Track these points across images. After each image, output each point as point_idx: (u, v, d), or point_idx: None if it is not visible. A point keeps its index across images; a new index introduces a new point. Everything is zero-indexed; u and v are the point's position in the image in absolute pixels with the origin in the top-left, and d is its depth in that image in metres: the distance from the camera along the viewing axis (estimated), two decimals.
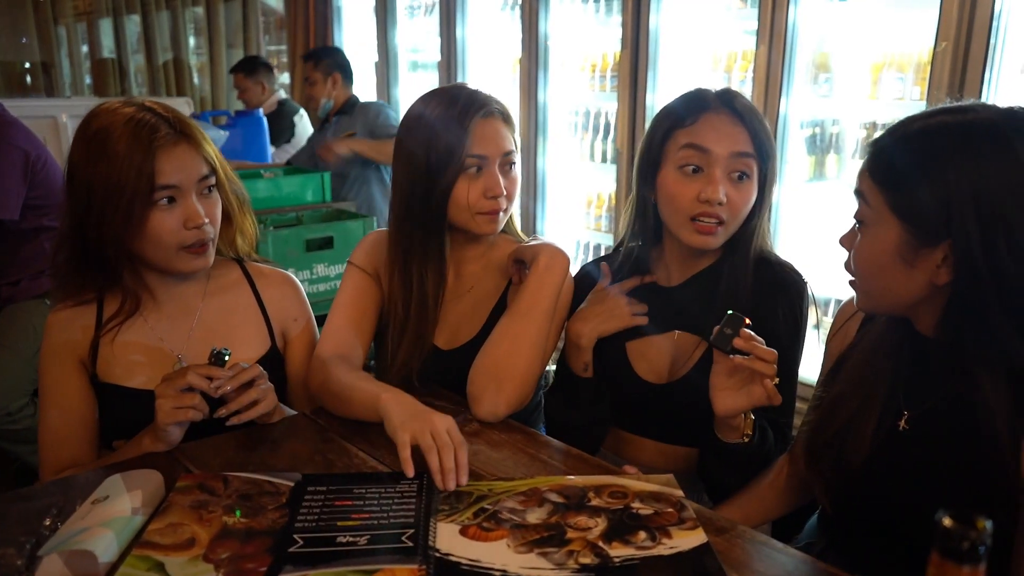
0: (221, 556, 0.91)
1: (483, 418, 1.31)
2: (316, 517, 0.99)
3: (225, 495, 1.04)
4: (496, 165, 1.37)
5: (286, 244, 2.80)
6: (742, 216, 1.29)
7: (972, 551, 0.54)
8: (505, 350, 1.33)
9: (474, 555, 0.92)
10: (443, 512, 1.01)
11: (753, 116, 1.28)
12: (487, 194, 1.36)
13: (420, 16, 4.38)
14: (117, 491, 1.00)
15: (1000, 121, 0.93)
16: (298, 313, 1.47)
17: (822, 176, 2.78)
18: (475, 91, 1.40)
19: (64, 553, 0.87)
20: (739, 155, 1.26)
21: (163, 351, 1.33)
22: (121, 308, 1.32)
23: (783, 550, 0.97)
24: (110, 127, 1.21)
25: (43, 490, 1.10)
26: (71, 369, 1.30)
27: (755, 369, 1.12)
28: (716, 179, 1.25)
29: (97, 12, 5.19)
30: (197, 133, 1.27)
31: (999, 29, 2.10)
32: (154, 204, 1.22)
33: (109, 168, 1.20)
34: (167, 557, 0.91)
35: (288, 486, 1.07)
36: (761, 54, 2.63)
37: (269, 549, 0.93)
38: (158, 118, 1.24)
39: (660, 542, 0.94)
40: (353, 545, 0.93)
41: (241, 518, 0.99)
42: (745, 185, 1.27)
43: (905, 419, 1.05)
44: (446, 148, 1.34)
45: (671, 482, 1.09)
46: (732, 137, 1.26)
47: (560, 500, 1.04)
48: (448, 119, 1.35)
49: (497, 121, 1.38)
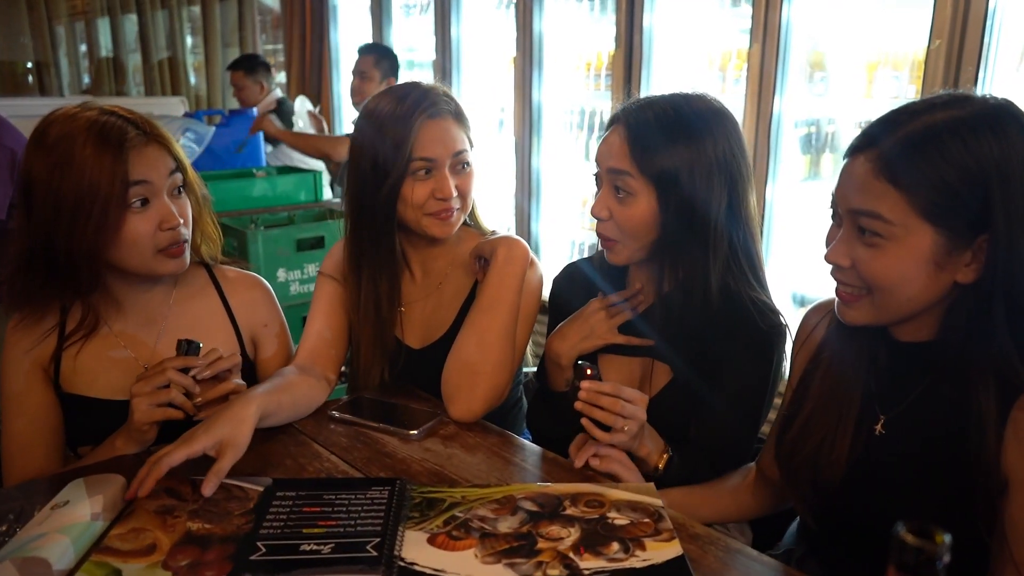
0: (181, 563, 0.89)
1: (459, 418, 1.29)
2: (283, 524, 0.97)
3: (192, 499, 1.02)
4: (446, 166, 1.35)
5: (277, 244, 2.78)
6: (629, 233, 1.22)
7: (928, 566, 0.52)
8: (474, 348, 1.31)
9: (439, 564, 0.89)
10: (413, 520, 0.99)
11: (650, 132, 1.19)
12: (435, 195, 1.34)
13: (415, 15, 4.37)
14: (78, 496, 0.98)
15: (1005, 105, 0.91)
16: (268, 318, 1.43)
17: (817, 175, 2.76)
18: (427, 90, 1.37)
19: (17, 560, 0.85)
20: (615, 171, 1.21)
21: (128, 361, 1.30)
22: (81, 324, 1.28)
23: (757, 558, 0.95)
24: (72, 133, 1.15)
25: (4, 495, 1.08)
26: (33, 378, 1.27)
27: (588, 414, 1.11)
28: (599, 194, 1.24)
29: (93, 11, 5.19)
30: (164, 133, 1.25)
31: (993, 26, 2.08)
32: (128, 207, 1.17)
33: (78, 175, 1.13)
34: (125, 564, 0.89)
35: (257, 491, 1.05)
36: (755, 53, 2.61)
37: (230, 556, 0.90)
38: (124, 121, 1.19)
39: (633, 554, 0.91)
40: (316, 553, 0.91)
41: (204, 524, 0.97)
42: (627, 202, 1.21)
43: (881, 423, 1.03)
44: (392, 149, 1.32)
45: (651, 491, 1.06)
46: (613, 152, 1.21)
47: (534, 508, 1.01)
48: (395, 119, 1.32)
49: (446, 121, 1.35)
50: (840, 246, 0.97)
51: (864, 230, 0.94)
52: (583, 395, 1.11)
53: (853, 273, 0.97)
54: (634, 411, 1.11)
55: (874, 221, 0.92)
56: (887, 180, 0.91)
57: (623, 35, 3.01)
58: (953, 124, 0.89)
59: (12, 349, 1.27)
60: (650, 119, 1.19)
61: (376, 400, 1.37)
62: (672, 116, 1.19)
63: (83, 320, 1.28)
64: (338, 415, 1.31)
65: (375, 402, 1.36)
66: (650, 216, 1.20)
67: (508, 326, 1.33)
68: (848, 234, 0.97)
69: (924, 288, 0.93)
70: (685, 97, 1.23)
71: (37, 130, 1.19)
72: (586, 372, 1.12)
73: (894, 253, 0.92)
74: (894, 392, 1.03)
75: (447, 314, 1.46)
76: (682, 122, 1.19)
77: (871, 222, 0.93)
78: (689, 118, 1.19)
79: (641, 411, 1.13)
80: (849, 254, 0.96)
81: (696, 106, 1.21)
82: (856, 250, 0.96)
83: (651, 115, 1.20)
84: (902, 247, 0.92)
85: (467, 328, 1.33)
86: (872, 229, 0.93)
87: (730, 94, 2.90)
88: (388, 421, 1.28)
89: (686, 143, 1.17)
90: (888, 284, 0.95)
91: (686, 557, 0.91)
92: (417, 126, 1.32)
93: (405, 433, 1.25)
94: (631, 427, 1.11)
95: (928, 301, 0.95)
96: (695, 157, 1.17)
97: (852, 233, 0.96)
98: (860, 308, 0.99)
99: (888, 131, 0.93)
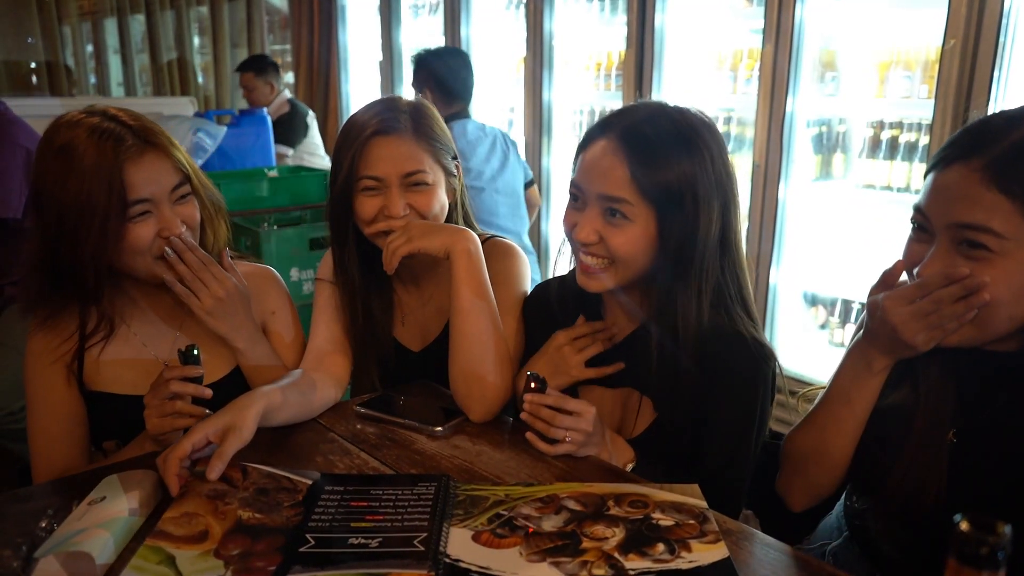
0: (232, 552, 0.90)
1: (479, 420, 1.30)
2: (331, 517, 0.98)
3: (243, 486, 1.03)
4: (395, 185, 1.32)
5: (289, 243, 2.79)
6: (623, 259, 1.15)
7: (991, 557, 0.52)
8: (469, 353, 1.30)
9: (484, 562, 0.90)
10: (458, 517, 0.99)
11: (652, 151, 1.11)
12: (384, 213, 1.33)
13: (424, 15, 4.38)
14: (114, 492, 0.99)
15: None
16: (276, 306, 1.44)
17: (828, 175, 2.76)
18: (390, 105, 1.36)
19: (60, 555, 0.86)
20: (605, 197, 1.13)
21: (149, 358, 1.31)
22: (97, 328, 1.29)
23: (789, 552, 0.96)
24: (74, 140, 1.16)
25: (39, 491, 1.09)
26: (57, 376, 1.27)
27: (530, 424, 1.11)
28: (586, 217, 1.16)
29: (102, 12, 5.19)
30: (164, 140, 1.23)
31: (1008, 26, 2.08)
32: (129, 219, 1.18)
33: (79, 185, 1.14)
34: (179, 550, 0.90)
35: (306, 484, 1.06)
36: (767, 53, 2.62)
37: (280, 548, 0.91)
38: (122, 127, 1.19)
39: (679, 555, 0.91)
40: (364, 547, 0.91)
41: (255, 514, 0.98)
42: (622, 227, 1.13)
43: (952, 432, 0.99)
44: (346, 164, 1.32)
45: (695, 492, 1.05)
46: (602, 175, 1.13)
47: (578, 508, 1.01)
48: (352, 135, 1.33)
49: (399, 140, 1.32)
50: (935, 262, 0.92)
51: (970, 244, 0.89)
52: (526, 406, 1.12)
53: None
54: (575, 422, 1.12)
55: (984, 235, 0.88)
56: (999, 191, 0.86)
57: (634, 35, 3.01)
58: None
59: (36, 348, 1.28)
60: (649, 135, 1.11)
61: (401, 397, 1.37)
62: (672, 131, 1.12)
63: (99, 324, 1.29)
64: (364, 412, 1.32)
65: (400, 399, 1.36)
66: (647, 241, 1.13)
67: (493, 319, 1.31)
68: (945, 248, 0.92)
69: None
70: (677, 110, 1.16)
71: (45, 135, 1.21)
72: (531, 385, 1.13)
73: (1004, 268, 0.88)
74: (968, 404, 0.99)
75: (442, 315, 1.45)
76: (682, 138, 1.11)
77: (980, 236, 0.88)
78: (687, 133, 1.12)
79: (585, 422, 1.12)
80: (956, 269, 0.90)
81: (689, 120, 1.14)
82: (957, 265, 0.91)
83: (649, 131, 1.12)
84: (1013, 261, 0.87)
85: (457, 335, 1.31)
86: (980, 243, 0.88)
87: (742, 94, 2.91)
88: (413, 418, 1.29)
89: (688, 160, 1.10)
90: (996, 301, 0.89)
91: (732, 560, 0.91)
92: (367, 144, 1.31)
93: (431, 430, 1.25)
94: (575, 437, 1.12)
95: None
96: (698, 176, 1.10)
97: (949, 247, 0.91)
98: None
99: (988, 140, 0.89)
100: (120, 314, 1.31)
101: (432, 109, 1.40)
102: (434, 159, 1.36)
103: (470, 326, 1.30)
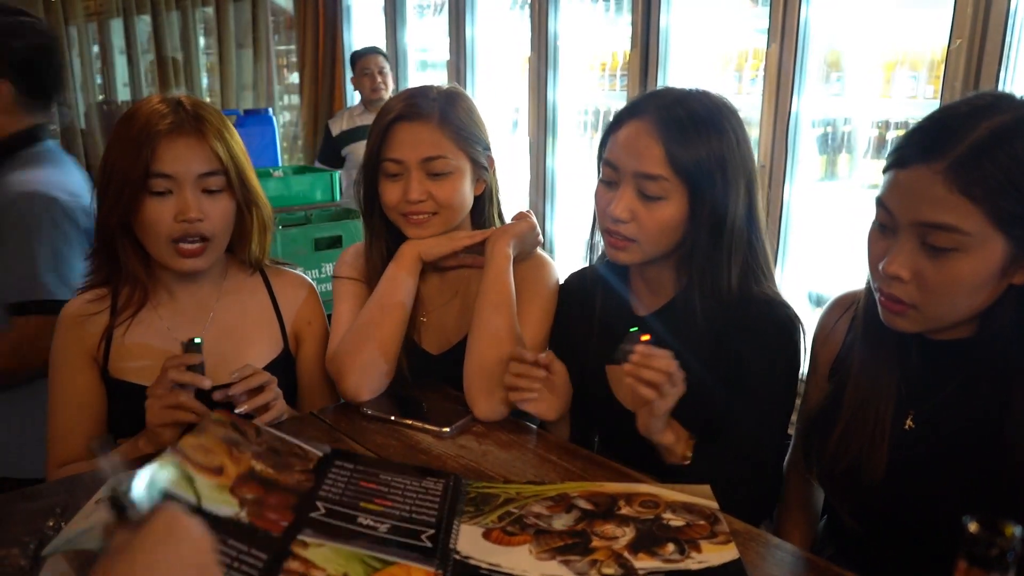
0: (246, 495, 0.90)
1: (485, 418, 1.30)
2: (340, 491, 0.99)
3: (256, 442, 1.03)
4: (414, 169, 1.34)
5: (295, 243, 2.80)
6: (654, 236, 1.19)
7: (1000, 558, 0.52)
8: (487, 349, 1.31)
9: (494, 559, 0.90)
10: (468, 514, 0.99)
11: (684, 130, 1.15)
12: (405, 197, 1.35)
13: (429, 15, 4.38)
14: None
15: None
16: (312, 316, 1.46)
17: (834, 175, 2.76)
18: (416, 93, 1.37)
19: (68, 553, 0.86)
20: (641, 175, 1.17)
21: (173, 347, 1.31)
22: (131, 299, 1.31)
23: (798, 553, 0.96)
24: (134, 114, 1.24)
25: (47, 489, 1.09)
26: (82, 365, 1.30)
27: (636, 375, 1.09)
28: (620, 194, 1.18)
29: (108, 12, 5.19)
30: (210, 129, 1.24)
31: (1015, 26, 2.07)
32: (148, 192, 1.21)
33: (120, 149, 1.22)
34: (197, 475, 0.89)
35: (317, 455, 1.06)
36: (772, 53, 2.61)
37: (292, 507, 0.92)
38: (178, 107, 1.24)
39: (689, 556, 0.91)
40: (373, 530, 0.92)
41: (267, 468, 0.98)
42: (656, 205, 1.17)
43: (911, 418, 1.03)
44: (372, 148, 1.36)
45: (706, 493, 1.05)
46: (638, 153, 1.17)
47: (589, 507, 1.01)
48: (379, 119, 1.36)
49: (423, 125, 1.33)
50: (900, 257, 0.94)
51: (934, 244, 0.91)
52: (635, 358, 1.09)
53: (912, 286, 0.94)
54: (680, 379, 1.11)
55: (949, 234, 0.89)
56: (960, 192, 0.88)
57: (639, 35, 3.01)
58: (1015, 126, 0.88)
59: (64, 335, 1.30)
60: (682, 116, 1.15)
61: (407, 397, 1.38)
62: (702, 112, 1.16)
63: (132, 295, 1.31)
64: (370, 412, 1.32)
65: (407, 399, 1.37)
66: (680, 218, 1.17)
67: (513, 323, 1.33)
68: (909, 245, 0.93)
69: (987, 297, 0.92)
70: (702, 93, 1.20)
71: None
72: (639, 338, 1.11)
73: (967, 264, 0.90)
74: (924, 388, 1.03)
75: (465, 320, 1.45)
76: (712, 118, 1.16)
77: (945, 235, 0.90)
78: (714, 113, 1.17)
79: (682, 385, 1.12)
80: (911, 266, 0.93)
81: (714, 101, 1.19)
82: (919, 262, 0.93)
83: (682, 112, 1.15)
84: (975, 258, 0.89)
85: (477, 329, 1.33)
86: (944, 243, 0.90)
87: (746, 94, 2.91)
88: (421, 418, 1.29)
89: (718, 139, 1.15)
90: (953, 294, 0.92)
91: (743, 561, 0.91)
92: (390, 126, 1.34)
93: (438, 431, 1.26)
94: (678, 392, 1.11)
95: (983, 307, 0.94)
96: (727, 154, 1.16)
97: (913, 244, 0.93)
98: (911, 319, 0.97)
99: (950, 138, 0.89)
100: (150, 296, 1.33)
101: (467, 99, 1.41)
102: (459, 147, 1.36)
103: (494, 321, 1.32)
